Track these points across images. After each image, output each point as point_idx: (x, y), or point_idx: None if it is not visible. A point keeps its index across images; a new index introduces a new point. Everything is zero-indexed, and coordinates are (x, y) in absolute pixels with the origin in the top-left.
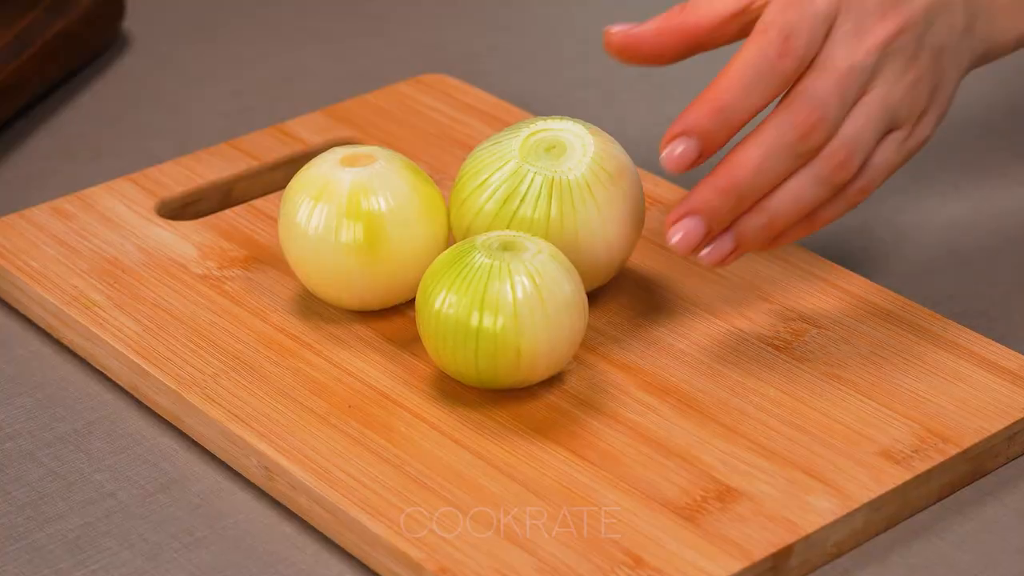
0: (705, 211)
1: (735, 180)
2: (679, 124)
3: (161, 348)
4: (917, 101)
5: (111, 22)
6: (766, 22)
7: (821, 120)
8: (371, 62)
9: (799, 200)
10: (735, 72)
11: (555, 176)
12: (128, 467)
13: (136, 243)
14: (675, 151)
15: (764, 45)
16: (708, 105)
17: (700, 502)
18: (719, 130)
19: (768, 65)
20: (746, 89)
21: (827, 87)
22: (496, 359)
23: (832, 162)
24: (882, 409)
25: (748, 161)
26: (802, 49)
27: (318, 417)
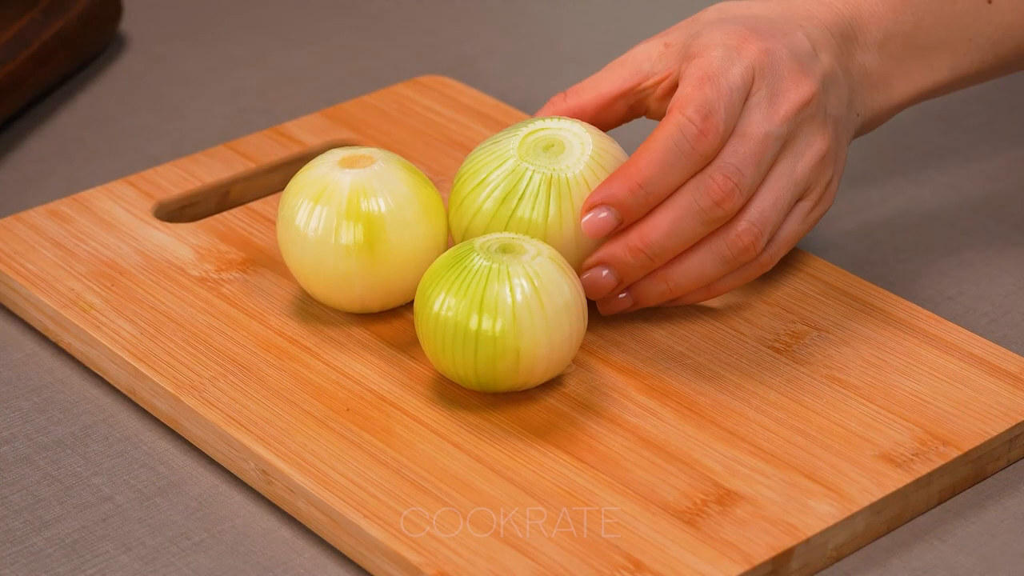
0: (616, 266)
1: (646, 241)
2: (600, 194)
3: (158, 351)
4: (824, 170)
5: (108, 24)
6: (684, 100)
7: (736, 188)
8: (369, 64)
9: (700, 276)
10: (655, 150)
11: (553, 174)
12: (125, 471)
13: (133, 246)
14: (596, 218)
15: (683, 124)
16: (629, 180)
17: (700, 505)
18: (637, 204)
19: (688, 146)
20: (666, 167)
21: (743, 155)
22: (495, 362)
23: (738, 244)
24: (882, 412)
25: (661, 224)
26: (721, 126)
27: (316, 420)
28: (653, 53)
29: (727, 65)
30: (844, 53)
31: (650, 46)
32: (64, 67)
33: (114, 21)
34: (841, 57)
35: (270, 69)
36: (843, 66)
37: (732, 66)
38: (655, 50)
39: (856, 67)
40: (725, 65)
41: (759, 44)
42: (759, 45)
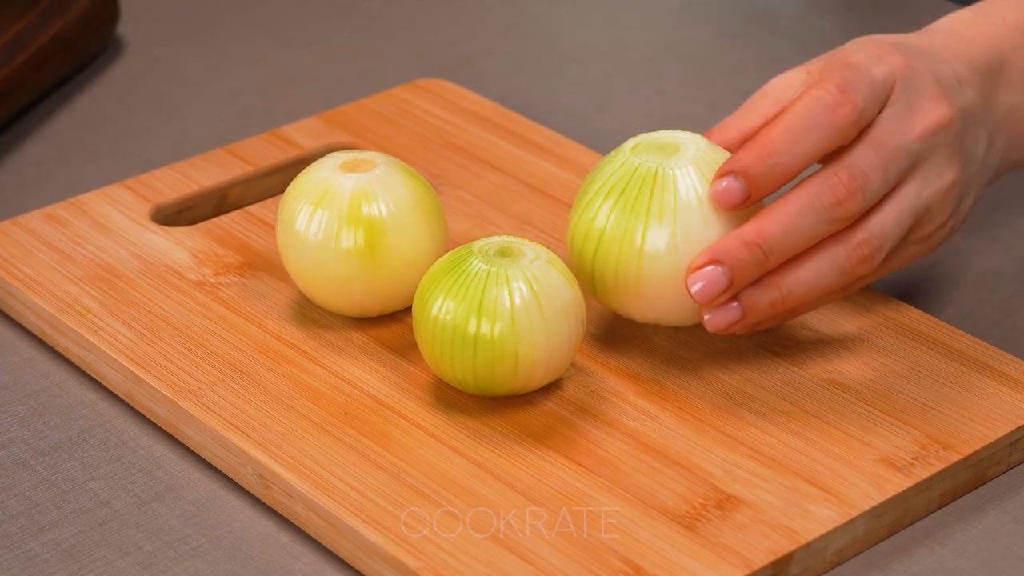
0: (729, 262)
1: (763, 235)
2: (728, 163)
3: (156, 355)
4: (945, 206)
5: (106, 26)
6: (823, 75)
7: (860, 189)
8: (368, 66)
9: (815, 284)
10: (789, 118)
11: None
12: (123, 475)
13: (131, 249)
14: (721, 186)
15: (820, 95)
16: (758, 148)
17: (700, 510)
18: (767, 175)
19: (825, 113)
20: (797, 137)
21: (872, 161)
22: (494, 366)
23: (857, 254)
24: (882, 416)
25: (780, 218)
26: (860, 103)
27: (314, 425)
28: (795, 82)
29: (870, 63)
30: (989, 91)
31: (791, 76)
32: (62, 70)
33: (112, 23)
34: (985, 95)
35: (269, 71)
36: (986, 105)
37: (874, 65)
38: (796, 79)
39: (1001, 105)
40: (868, 62)
41: (903, 59)
42: (903, 60)
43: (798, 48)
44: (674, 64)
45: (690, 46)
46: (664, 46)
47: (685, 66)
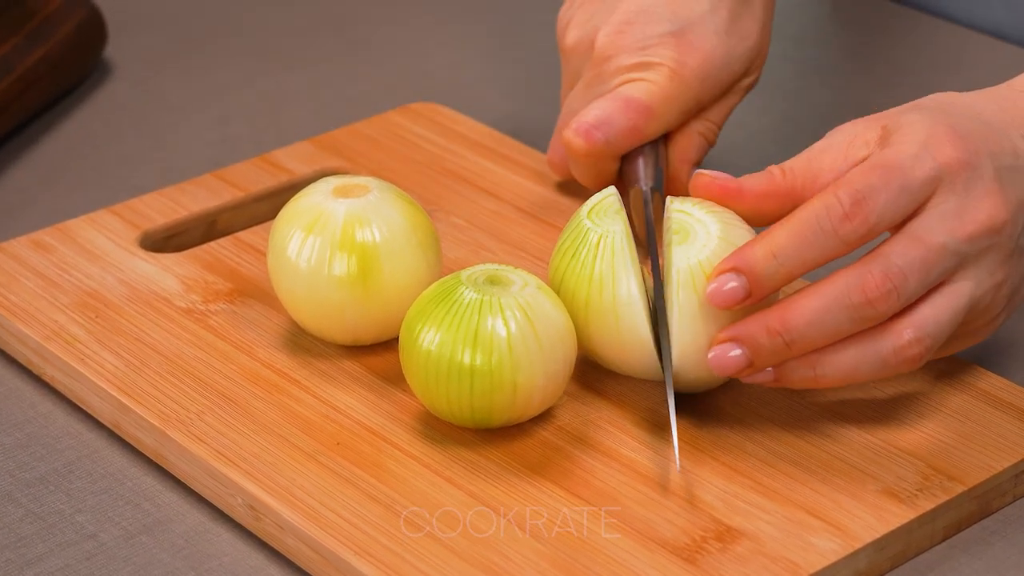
0: (750, 346)
1: (787, 325)
2: (731, 260)
3: (144, 384)
4: (996, 303)
5: (93, 49)
6: (844, 180)
7: (895, 291)
8: (360, 90)
9: (852, 373)
10: (794, 222)
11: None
12: (110, 507)
13: (118, 276)
14: (723, 286)
15: (831, 203)
16: (762, 248)
17: (699, 542)
18: (768, 275)
19: (829, 226)
20: (803, 241)
21: (911, 259)
22: (492, 396)
23: (904, 354)
24: (885, 446)
25: (805, 310)
26: (872, 217)
27: (306, 455)
28: (870, 141)
29: (913, 163)
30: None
31: (867, 129)
32: (48, 93)
33: (99, 46)
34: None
35: (258, 96)
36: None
37: (917, 166)
38: (872, 135)
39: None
40: (910, 162)
41: (961, 154)
42: (961, 156)
43: (804, 74)
44: None
45: None
46: None
47: None
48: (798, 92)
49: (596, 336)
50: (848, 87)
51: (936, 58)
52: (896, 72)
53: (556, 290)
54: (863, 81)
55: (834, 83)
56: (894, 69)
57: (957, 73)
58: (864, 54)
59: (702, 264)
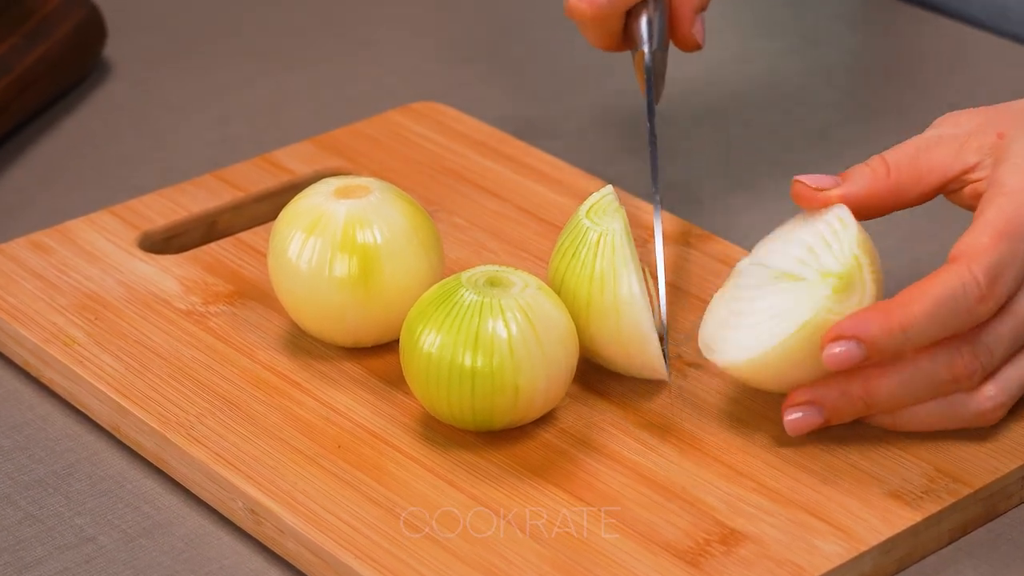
0: (829, 409)
1: (870, 394)
2: (853, 326)
3: (143, 387)
4: None
5: (92, 48)
6: (976, 252)
7: (980, 369)
8: (361, 90)
9: (928, 426)
10: (930, 299)
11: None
12: (109, 510)
13: (117, 278)
14: (838, 350)
15: (968, 283)
16: (892, 321)
17: (703, 545)
18: (892, 348)
19: (967, 306)
20: (936, 320)
21: (1001, 335)
22: (493, 399)
23: (985, 418)
24: (891, 448)
25: (889, 382)
26: (1004, 294)
27: (306, 458)
28: (984, 146)
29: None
30: None
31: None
32: (46, 93)
33: (98, 46)
34: None
35: (259, 95)
36: None
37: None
38: (986, 140)
39: None
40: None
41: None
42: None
43: (804, 74)
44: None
45: (690, 68)
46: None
47: (686, 88)
48: (803, 91)
49: (598, 336)
50: (854, 86)
51: (940, 56)
52: (903, 70)
53: (557, 291)
54: (869, 80)
55: (838, 82)
56: (901, 67)
57: (962, 72)
58: (870, 53)
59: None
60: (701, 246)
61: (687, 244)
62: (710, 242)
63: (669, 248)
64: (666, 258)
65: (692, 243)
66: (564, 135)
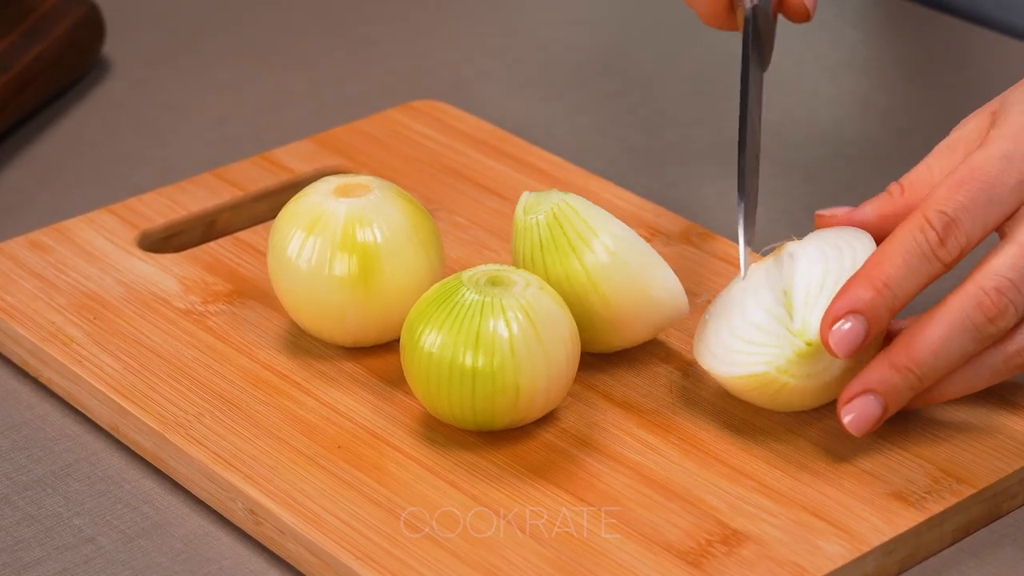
0: (883, 390)
1: (916, 359)
2: (845, 302)
3: (142, 386)
4: None
5: (90, 47)
6: (933, 200)
7: (1010, 305)
8: (361, 88)
9: (969, 387)
10: (896, 251)
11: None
12: (108, 511)
13: (116, 277)
14: (843, 328)
15: (924, 228)
16: (873, 282)
17: (705, 546)
18: (885, 307)
19: (929, 251)
20: (909, 269)
21: (1018, 266)
22: (494, 399)
23: (1014, 361)
24: (894, 448)
25: (929, 341)
26: (964, 238)
27: (306, 458)
28: (984, 129)
29: (1000, 169)
30: None
31: (981, 122)
32: (45, 92)
33: (97, 44)
34: None
35: (258, 94)
36: None
37: (1005, 171)
38: (985, 125)
39: None
40: (998, 168)
41: None
42: None
43: (806, 65)
44: (676, 85)
45: (692, 66)
46: (665, 66)
47: (687, 87)
48: (803, 89)
49: (614, 300)
50: (854, 84)
51: (938, 53)
52: (904, 68)
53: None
54: (870, 78)
55: (840, 80)
56: (900, 65)
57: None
58: (871, 50)
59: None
60: (703, 245)
61: (689, 243)
62: (712, 240)
63: (671, 248)
64: (667, 258)
65: (694, 242)
66: (565, 133)
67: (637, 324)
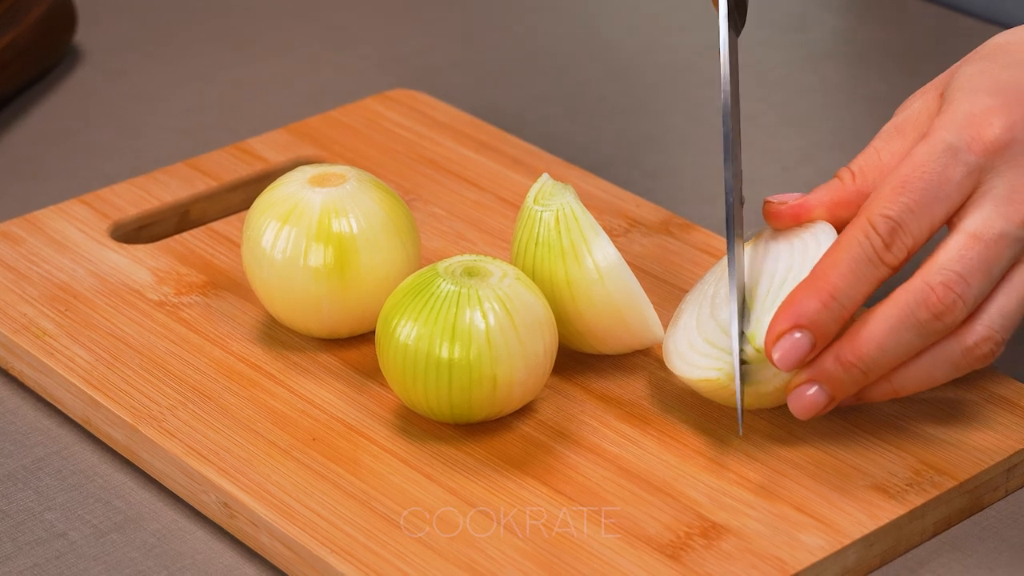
0: (828, 382)
1: (859, 354)
2: (788, 316)
3: (115, 379)
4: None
5: (62, 35)
6: (876, 203)
7: (958, 300)
8: (336, 77)
9: (928, 380)
10: (842, 260)
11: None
12: (80, 505)
13: (88, 268)
14: (786, 345)
15: (869, 234)
16: (820, 293)
17: (684, 539)
18: (832, 319)
19: (876, 257)
20: (855, 277)
21: (970, 261)
22: (471, 391)
23: (975, 354)
24: (875, 441)
25: (874, 336)
26: (911, 240)
27: (281, 451)
28: (933, 110)
29: (945, 164)
30: None
31: (928, 102)
32: (16, 80)
33: (68, 33)
34: None
35: (232, 83)
36: None
37: (950, 166)
38: (934, 106)
39: None
40: (942, 164)
41: (1004, 133)
42: (1003, 135)
43: (791, 61)
44: (652, 73)
45: (669, 55)
46: (643, 55)
47: (663, 75)
48: (785, 78)
49: (587, 312)
50: (836, 73)
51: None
52: (887, 57)
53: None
54: (852, 67)
55: (822, 69)
56: (884, 54)
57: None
58: (854, 39)
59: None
60: (683, 235)
61: (669, 233)
62: (692, 231)
63: (650, 239)
64: (647, 249)
65: (674, 232)
66: (541, 122)
67: (609, 341)
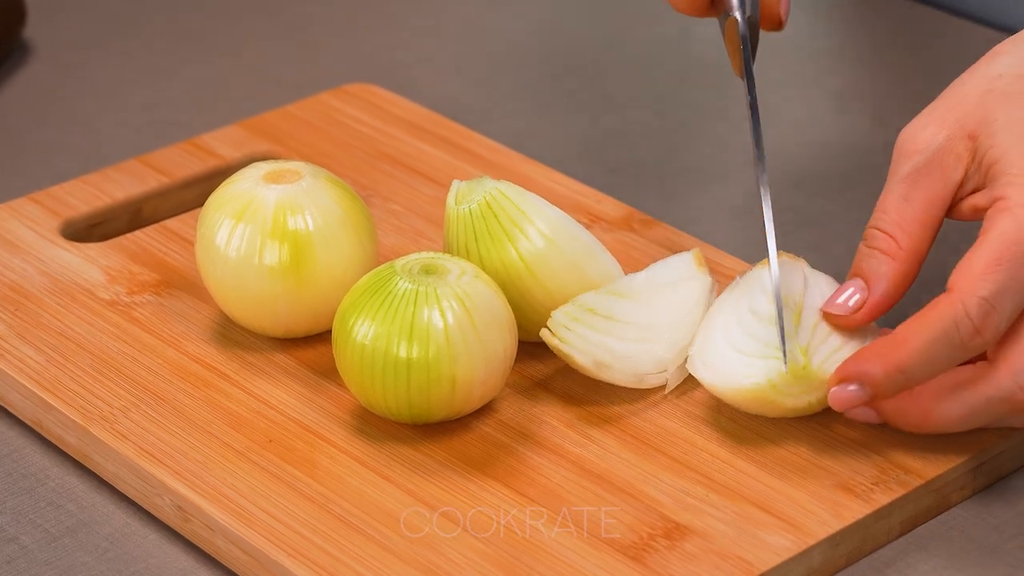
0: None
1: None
2: (855, 367)
3: (66, 380)
4: None
5: (11, 29)
6: (969, 285)
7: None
8: (292, 71)
9: (965, 422)
10: (924, 337)
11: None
12: (31, 509)
13: (39, 267)
14: (844, 391)
15: (961, 319)
16: (888, 363)
17: (647, 540)
18: (893, 387)
19: (960, 341)
20: (931, 357)
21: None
22: (430, 391)
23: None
24: (840, 439)
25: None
26: (1002, 324)
27: (236, 453)
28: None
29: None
30: None
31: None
32: None
33: (18, 27)
34: None
35: (186, 78)
36: None
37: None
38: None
39: None
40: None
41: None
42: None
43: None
44: (616, 68)
45: (633, 49)
46: (606, 50)
47: (628, 70)
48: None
49: (550, 280)
50: (802, 66)
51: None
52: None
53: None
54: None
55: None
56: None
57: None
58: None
59: None
60: (645, 231)
61: (631, 229)
62: (654, 227)
63: (611, 234)
64: (608, 244)
65: (635, 228)
66: (503, 117)
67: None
